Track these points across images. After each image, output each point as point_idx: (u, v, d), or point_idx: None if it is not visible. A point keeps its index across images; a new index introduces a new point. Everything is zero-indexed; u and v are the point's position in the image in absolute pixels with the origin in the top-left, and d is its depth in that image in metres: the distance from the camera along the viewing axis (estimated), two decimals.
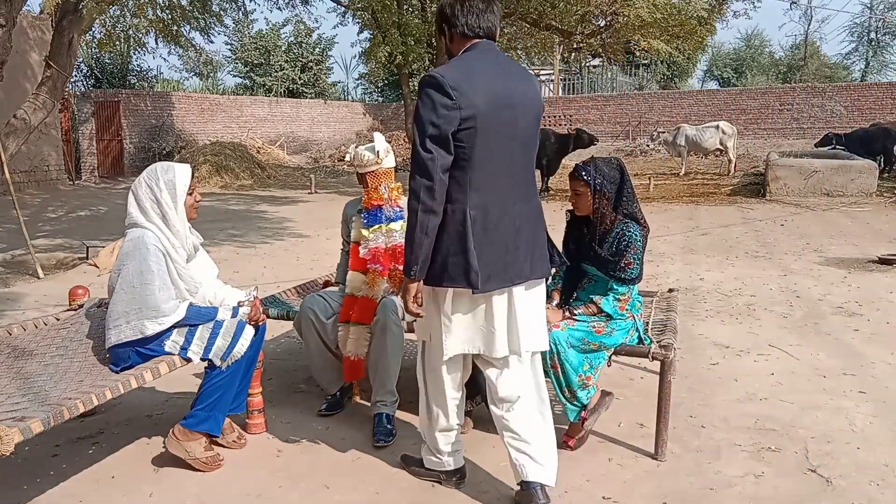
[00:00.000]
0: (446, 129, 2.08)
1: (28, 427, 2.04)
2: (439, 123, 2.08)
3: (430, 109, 2.08)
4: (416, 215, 2.11)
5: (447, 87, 2.08)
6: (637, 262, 2.76)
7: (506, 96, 2.19)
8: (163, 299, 2.56)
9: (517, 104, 2.21)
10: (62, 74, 6.91)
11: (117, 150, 18.15)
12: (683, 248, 7.55)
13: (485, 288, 2.18)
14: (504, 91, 2.19)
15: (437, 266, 2.19)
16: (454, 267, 2.17)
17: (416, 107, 2.13)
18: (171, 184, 2.66)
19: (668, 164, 17.33)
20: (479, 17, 2.23)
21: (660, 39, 11.92)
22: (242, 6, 11.44)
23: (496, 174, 2.20)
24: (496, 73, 2.20)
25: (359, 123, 25.39)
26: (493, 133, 2.16)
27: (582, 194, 2.81)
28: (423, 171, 2.10)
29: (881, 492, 2.52)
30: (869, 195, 11.07)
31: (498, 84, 2.18)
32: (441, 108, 2.08)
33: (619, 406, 3.27)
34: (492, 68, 2.21)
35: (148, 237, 2.59)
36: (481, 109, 2.12)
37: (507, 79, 2.22)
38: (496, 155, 2.19)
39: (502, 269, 2.22)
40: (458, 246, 2.16)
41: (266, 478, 2.67)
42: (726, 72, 34.82)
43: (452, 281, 2.18)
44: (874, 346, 4.17)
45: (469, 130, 2.11)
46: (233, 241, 8.34)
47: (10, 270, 6.59)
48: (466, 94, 2.10)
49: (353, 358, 3.06)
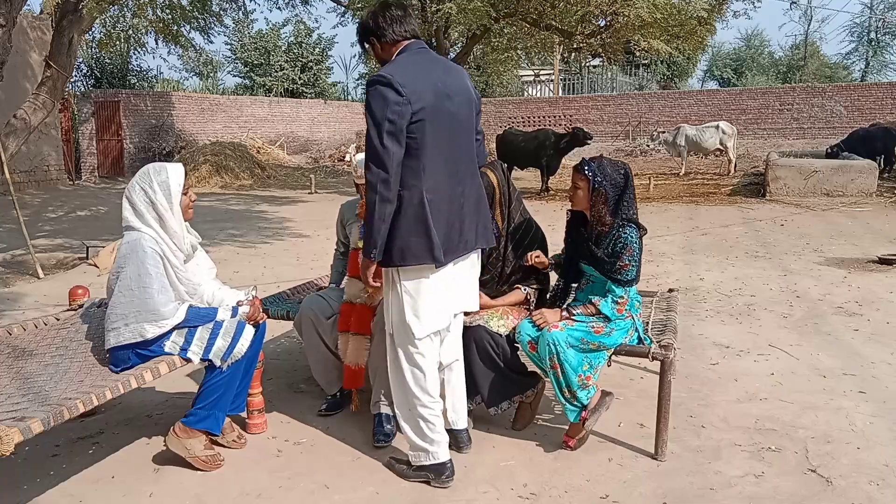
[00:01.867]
0: (401, 123, 2.27)
1: (28, 427, 2.04)
2: (394, 119, 2.26)
3: (384, 107, 2.26)
4: (375, 205, 2.29)
5: (396, 85, 2.26)
6: (633, 265, 2.76)
7: (445, 88, 2.41)
8: (162, 302, 2.55)
9: (454, 94, 2.44)
10: (62, 74, 6.91)
11: (117, 150, 18.15)
12: (683, 248, 7.55)
13: (445, 261, 2.42)
14: (443, 84, 2.41)
15: (398, 247, 2.37)
16: (417, 246, 2.37)
17: (367, 105, 2.29)
18: (165, 185, 2.64)
19: (668, 164, 17.33)
20: (401, 23, 2.46)
21: (660, 39, 11.92)
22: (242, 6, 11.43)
23: (444, 160, 2.42)
24: (433, 69, 2.43)
25: (359, 123, 25.38)
26: (439, 122, 2.37)
27: (580, 189, 2.81)
28: (380, 164, 2.27)
29: (881, 492, 2.52)
30: (869, 195, 11.06)
31: (437, 78, 2.41)
32: (394, 104, 2.26)
33: (619, 406, 3.26)
34: (428, 65, 2.44)
35: (145, 240, 2.59)
36: (428, 101, 2.32)
37: (442, 73, 2.45)
38: (443, 142, 2.40)
39: (454, 242, 2.47)
40: (418, 228, 2.36)
41: (266, 478, 2.67)
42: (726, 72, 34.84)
43: (417, 259, 2.39)
44: (874, 346, 4.17)
45: (419, 123, 2.31)
46: (233, 241, 8.34)
47: (10, 270, 6.59)
48: (413, 89, 2.29)
49: (353, 367, 3.06)
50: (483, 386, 2.94)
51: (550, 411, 3.26)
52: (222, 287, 2.93)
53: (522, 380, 2.99)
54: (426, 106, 2.32)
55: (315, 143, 23.30)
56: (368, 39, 2.51)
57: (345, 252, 3.37)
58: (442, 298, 2.51)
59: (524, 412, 3.07)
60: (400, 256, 2.39)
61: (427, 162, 2.36)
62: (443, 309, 2.53)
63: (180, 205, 2.68)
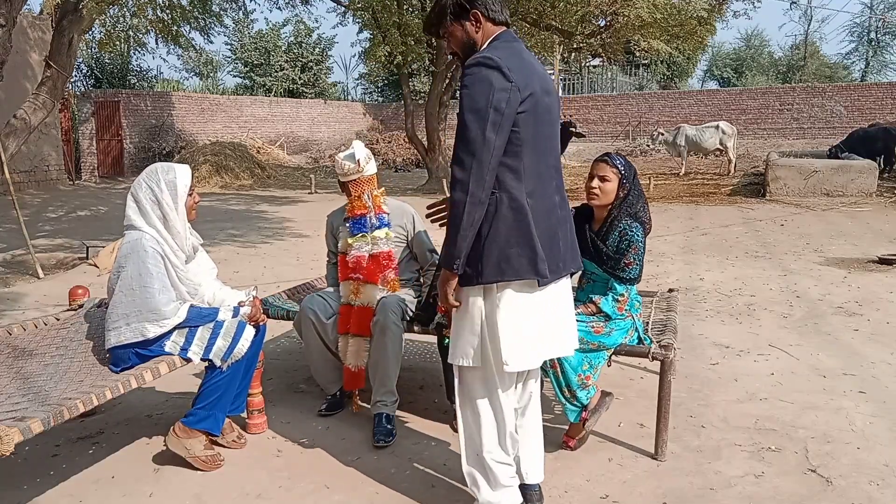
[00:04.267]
0: (509, 112, 1.96)
1: (28, 427, 2.04)
2: (501, 107, 1.94)
3: (489, 92, 1.93)
4: (464, 207, 1.95)
5: (505, 69, 1.96)
6: (637, 263, 2.77)
7: (546, 82, 2.12)
8: (163, 302, 2.56)
9: (552, 91, 2.15)
10: (62, 74, 6.91)
11: (117, 150, 18.15)
12: (683, 248, 7.55)
13: (549, 278, 2.08)
14: (544, 77, 2.12)
15: (494, 260, 2.03)
16: (517, 258, 2.03)
17: (467, 92, 1.96)
18: (173, 184, 2.66)
19: (668, 164, 17.33)
20: (503, 5, 2.14)
21: (660, 39, 11.94)
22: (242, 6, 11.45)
23: (544, 162, 2.12)
24: (534, 60, 2.13)
25: (359, 123, 25.40)
26: (542, 119, 2.08)
27: (609, 181, 2.80)
28: (478, 160, 1.93)
29: (881, 491, 2.52)
30: (869, 195, 11.06)
31: (538, 68, 2.12)
32: (501, 91, 1.95)
33: (619, 406, 3.27)
34: (528, 54, 2.13)
35: (146, 240, 2.59)
36: (536, 92, 2.03)
37: (539, 65, 2.16)
38: (543, 142, 2.11)
39: (553, 259, 2.11)
40: (519, 237, 2.03)
41: (266, 478, 2.67)
42: (726, 72, 34.82)
43: (517, 273, 2.04)
44: (874, 346, 4.17)
45: (525, 114, 2.01)
46: (233, 241, 8.34)
47: (10, 270, 6.59)
48: (521, 77, 1.99)
49: (353, 369, 3.06)
50: None
51: (550, 411, 3.26)
52: (223, 287, 2.93)
53: None
54: (533, 96, 2.02)
55: (315, 143, 23.30)
56: (472, 12, 2.09)
57: (335, 263, 3.37)
58: (539, 328, 2.13)
59: None
60: (497, 271, 2.03)
61: (529, 162, 2.05)
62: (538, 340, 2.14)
63: (185, 205, 2.69)
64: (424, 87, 21.18)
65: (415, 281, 3.39)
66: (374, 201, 3.16)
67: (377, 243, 3.14)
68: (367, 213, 3.14)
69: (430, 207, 2.78)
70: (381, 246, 3.14)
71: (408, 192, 13.43)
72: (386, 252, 3.16)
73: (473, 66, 1.98)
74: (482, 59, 1.98)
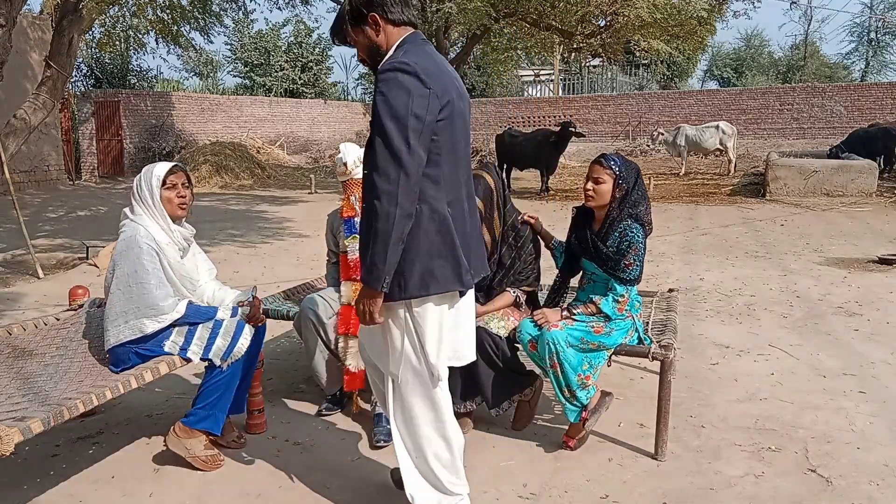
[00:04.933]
0: (430, 119, 1.88)
1: (28, 427, 2.04)
2: (421, 114, 1.85)
3: (408, 99, 1.84)
4: (393, 221, 1.84)
5: (422, 74, 1.87)
6: (638, 264, 2.76)
7: (460, 85, 2.06)
8: (160, 297, 2.56)
9: (465, 95, 2.08)
10: (62, 74, 6.91)
11: (117, 150, 18.15)
12: (683, 248, 7.55)
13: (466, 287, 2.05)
14: (457, 80, 2.05)
15: (418, 274, 1.95)
16: (441, 270, 1.97)
17: (384, 99, 1.86)
18: (150, 172, 2.74)
19: (668, 164, 17.33)
20: (407, 5, 2.04)
21: (660, 39, 11.94)
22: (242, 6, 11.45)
23: (460, 170, 2.06)
24: (445, 63, 2.05)
25: (359, 123, 25.39)
26: (457, 125, 2.01)
27: (603, 182, 2.80)
28: (402, 170, 1.83)
29: (881, 491, 2.52)
30: (869, 195, 11.06)
31: (451, 71, 2.05)
32: (420, 97, 1.86)
33: (619, 406, 3.27)
34: (440, 57, 2.04)
35: (140, 235, 2.61)
36: (452, 98, 1.97)
37: (451, 68, 2.09)
38: (460, 148, 2.05)
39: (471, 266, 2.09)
40: (442, 248, 1.96)
41: (266, 478, 2.67)
42: (726, 72, 34.83)
43: (442, 286, 1.98)
44: (874, 345, 4.17)
45: (444, 121, 1.94)
46: (233, 241, 8.34)
47: (10, 270, 6.59)
48: (438, 82, 1.91)
49: (353, 370, 3.06)
50: (485, 387, 2.94)
51: (550, 411, 3.26)
52: (222, 287, 2.93)
53: (521, 379, 3.00)
54: (451, 102, 1.95)
55: (315, 143, 23.29)
56: (369, 15, 1.99)
57: (336, 262, 3.36)
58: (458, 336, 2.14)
59: (523, 411, 3.07)
60: (421, 285, 1.95)
61: (448, 170, 1.98)
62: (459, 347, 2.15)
63: (160, 196, 2.69)
64: None
65: None
66: (361, 205, 3.14)
67: None
68: (354, 215, 3.12)
69: None
70: None
71: None
72: None
73: (389, 72, 1.89)
74: (398, 64, 1.89)
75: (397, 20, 2.02)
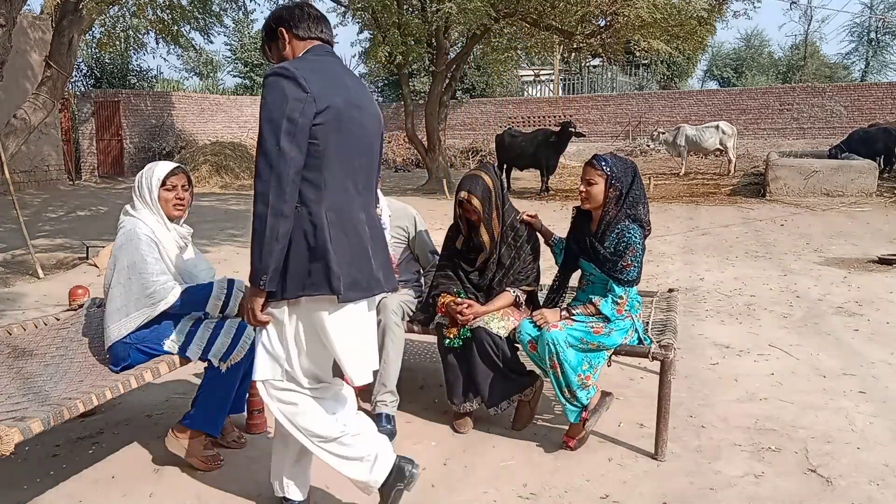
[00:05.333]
0: (303, 122, 1.93)
1: (28, 427, 2.04)
2: (294, 117, 1.91)
3: (283, 102, 1.91)
4: (265, 220, 1.91)
5: (300, 79, 1.94)
6: (636, 265, 2.76)
7: (355, 97, 2.10)
8: (161, 282, 2.58)
9: (364, 106, 2.13)
10: (62, 74, 6.91)
11: (117, 150, 18.16)
12: (683, 248, 7.55)
13: (347, 296, 2.03)
14: (354, 91, 2.11)
15: (296, 275, 2.00)
16: (317, 273, 1.99)
17: (263, 102, 1.94)
18: (150, 170, 2.76)
19: (668, 164, 17.34)
20: (318, 23, 2.16)
21: (660, 39, 11.93)
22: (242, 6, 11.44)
23: (350, 178, 2.08)
24: (343, 74, 2.13)
25: None
26: (347, 132, 2.05)
27: (595, 184, 2.79)
28: (276, 172, 1.90)
29: (881, 492, 2.52)
30: (869, 195, 11.06)
31: (348, 83, 2.11)
32: (295, 100, 1.92)
33: (619, 406, 3.27)
34: (339, 68, 2.14)
35: (139, 227, 2.63)
36: (336, 104, 2.00)
37: (352, 80, 2.15)
38: (350, 156, 2.07)
39: (362, 277, 2.07)
40: (317, 251, 1.99)
41: (266, 478, 2.65)
42: (726, 72, 34.80)
43: (314, 288, 2.00)
44: (874, 346, 4.17)
45: (323, 126, 1.97)
46: (233, 241, 8.33)
47: (10, 270, 6.59)
48: (320, 87, 1.98)
49: None
50: (483, 386, 2.95)
51: (550, 411, 3.26)
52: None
53: (521, 379, 3.00)
54: (333, 107, 1.99)
55: None
56: (278, 30, 2.13)
57: None
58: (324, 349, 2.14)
59: (523, 411, 3.07)
60: (298, 286, 2.00)
61: (329, 176, 2.01)
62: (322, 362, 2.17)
63: (157, 196, 2.71)
64: (424, 87, 21.15)
65: (415, 281, 3.39)
66: None
67: None
68: None
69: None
70: None
71: (408, 192, 13.43)
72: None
73: (270, 77, 1.96)
74: (278, 69, 1.96)
75: (303, 35, 2.13)
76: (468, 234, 3.08)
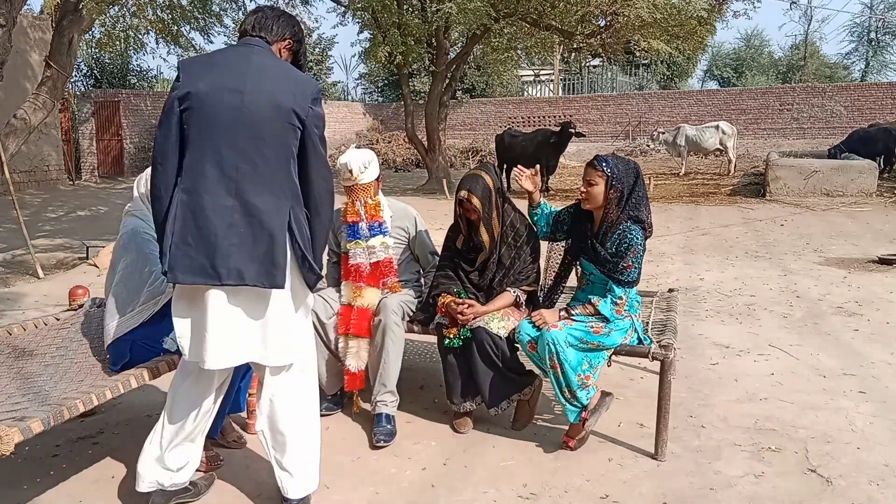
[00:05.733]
0: (168, 106, 2.09)
1: (28, 427, 2.04)
2: (167, 106, 2.10)
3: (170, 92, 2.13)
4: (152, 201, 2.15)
5: (179, 70, 2.14)
6: (636, 266, 2.76)
7: (237, 82, 2.09)
8: (162, 279, 2.58)
9: (249, 92, 2.09)
10: (62, 74, 6.90)
11: (117, 150, 18.14)
12: (683, 248, 7.55)
13: (175, 277, 2.09)
14: (239, 77, 2.10)
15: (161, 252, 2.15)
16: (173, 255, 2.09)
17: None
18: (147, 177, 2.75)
19: (668, 164, 17.33)
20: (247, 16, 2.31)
21: (660, 39, 11.92)
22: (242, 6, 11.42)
23: (215, 162, 2.08)
24: (237, 61, 2.15)
25: (359, 123, 25.38)
26: (213, 117, 2.07)
27: (595, 185, 2.79)
28: (153, 157, 2.14)
29: (881, 492, 2.52)
30: (869, 195, 11.06)
31: (234, 68, 2.12)
32: (172, 90, 2.11)
33: (619, 406, 3.27)
34: (236, 57, 2.17)
35: (140, 226, 2.65)
36: (198, 89, 2.08)
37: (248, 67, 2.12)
38: (211, 139, 2.08)
39: (207, 262, 2.06)
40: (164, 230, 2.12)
41: (266, 478, 2.66)
42: (726, 72, 34.78)
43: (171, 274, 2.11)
44: (874, 346, 4.17)
45: (188, 111, 2.08)
46: None
47: (10, 270, 6.59)
48: (190, 74, 2.11)
49: (353, 370, 3.06)
50: (483, 386, 2.95)
51: (550, 411, 3.26)
52: None
53: (520, 379, 3.00)
54: (195, 93, 2.06)
55: None
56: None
57: (336, 262, 3.36)
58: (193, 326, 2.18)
59: (523, 411, 3.07)
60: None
61: (190, 159, 2.08)
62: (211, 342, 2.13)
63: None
64: (424, 87, 21.14)
65: (415, 281, 3.39)
66: (367, 210, 3.11)
67: (374, 252, 3.12)
68: (358, 221, 3.11)
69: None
70: (379, 255, 3.13)
71: (408, 192, 13.42)
72: (385, 260, 3.15)
73: None
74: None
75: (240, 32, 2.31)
76: (468, 234, 3.08)
